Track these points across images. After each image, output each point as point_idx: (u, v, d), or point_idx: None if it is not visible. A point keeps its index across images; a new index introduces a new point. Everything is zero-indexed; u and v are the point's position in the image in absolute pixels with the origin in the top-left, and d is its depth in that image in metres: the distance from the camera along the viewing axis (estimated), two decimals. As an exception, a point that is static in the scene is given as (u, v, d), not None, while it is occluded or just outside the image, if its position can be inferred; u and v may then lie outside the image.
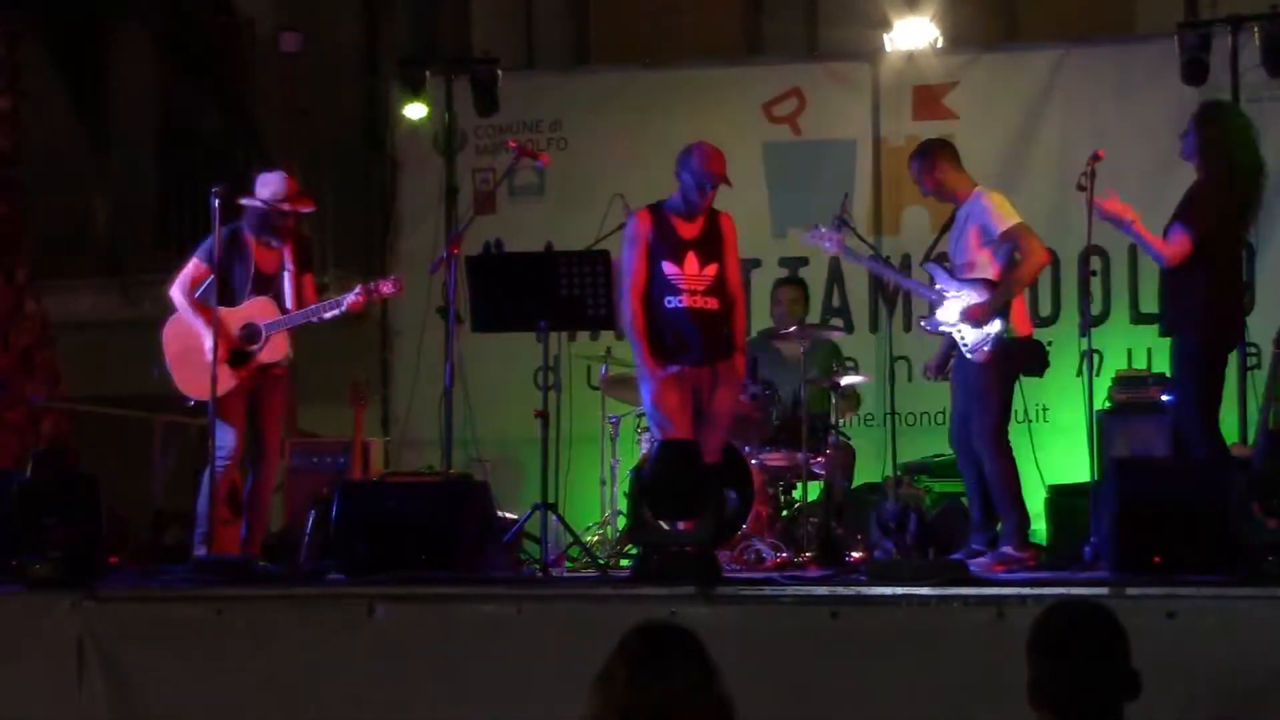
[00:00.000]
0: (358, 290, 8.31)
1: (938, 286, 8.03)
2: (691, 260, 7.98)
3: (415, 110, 11.12)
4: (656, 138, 10.55)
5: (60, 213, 15.43)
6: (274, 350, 8.30)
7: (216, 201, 7.92)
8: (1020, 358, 7.95)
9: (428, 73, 11.03)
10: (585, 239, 8.57)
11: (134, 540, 9.59)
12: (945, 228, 8.22)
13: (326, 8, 16.01)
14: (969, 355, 7.87)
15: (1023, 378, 8.02)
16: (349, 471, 9.40)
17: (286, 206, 8.32)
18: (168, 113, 16.36)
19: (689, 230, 8.03)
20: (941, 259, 8.20)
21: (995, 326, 7.80)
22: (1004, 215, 7.92)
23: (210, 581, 7.33)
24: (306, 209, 8.52)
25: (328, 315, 8.28)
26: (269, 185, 8.34)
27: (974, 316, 7.82)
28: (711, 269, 8.00)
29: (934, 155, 8.17)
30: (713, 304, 8.00)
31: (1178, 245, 7.47)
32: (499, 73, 10.86)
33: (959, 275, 7.99)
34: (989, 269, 7.90)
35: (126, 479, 10.28)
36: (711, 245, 8.03)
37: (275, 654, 6.72)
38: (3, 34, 12.95)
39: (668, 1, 14.86)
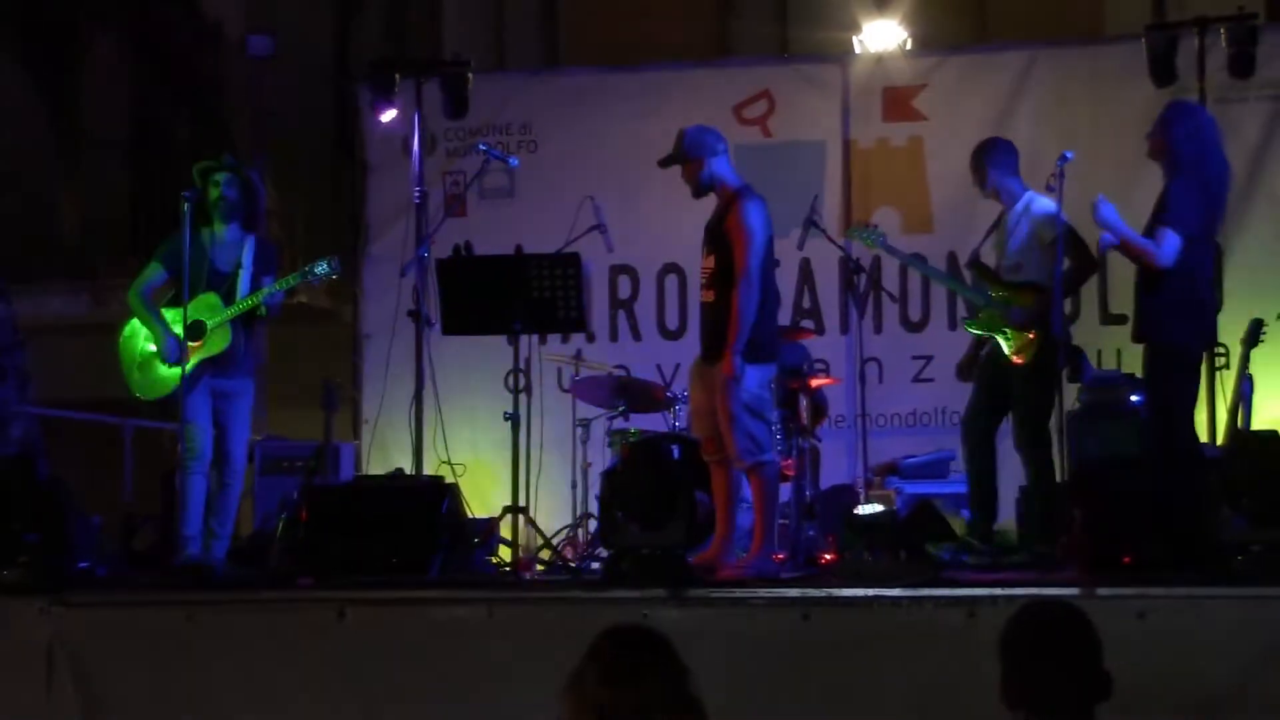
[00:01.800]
0: (293, 277, 8.28)
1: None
2: (705, 252, 7.73)
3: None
4: (626, 140, 10.56)
5: (29, 216, 15.37)
6: (216, 343, 8.17)
7: (187, 206, 7.89)
8: (1062, 360, 7.95)
9: (397, 75, 10.99)
10: (556, 241, 8.55)
11: (103, 545, 9.53)
12: (993, 228, 8.31)
13: (296, 11, 15.98)
14: (1015, 359, 7.91)
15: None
16: (319, 474, 9.36)
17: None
18: (138, 116, 16.31)
19: (713, 220, 7.74)
20: (983, 267, 8.25)
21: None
22: (1055, 221, 7.92)
23: (180, 586, 7.31)
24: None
25: (273, 304, 8.19)
26: None
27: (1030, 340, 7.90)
28: (710, 260, 7.65)
29: (998, 154, 8.33)
30: (709, 296, 7.63)
31: (1171, 246, 7.45)
32: (469, 75, 10.83)
33: (1005, 276, 8.03)
34: (1039, 271, 7.95)
35: (96, 483, 10.22)
36: (716, 234, 7.64)
37: (245, 658, 6.70)
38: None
39: (638, 3, 14.88)
